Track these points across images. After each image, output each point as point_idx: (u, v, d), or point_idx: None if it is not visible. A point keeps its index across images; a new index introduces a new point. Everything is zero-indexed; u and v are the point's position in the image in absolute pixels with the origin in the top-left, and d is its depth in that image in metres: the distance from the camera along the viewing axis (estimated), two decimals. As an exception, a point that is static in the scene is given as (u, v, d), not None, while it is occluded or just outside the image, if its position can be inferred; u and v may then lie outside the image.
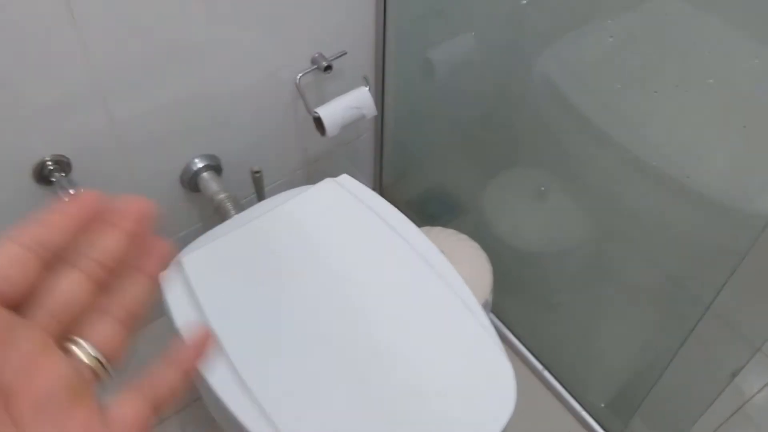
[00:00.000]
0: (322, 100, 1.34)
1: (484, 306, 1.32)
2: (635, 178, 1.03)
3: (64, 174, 1.10)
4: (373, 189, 1.71)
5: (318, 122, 1.31)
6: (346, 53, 1.33)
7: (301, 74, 1.29)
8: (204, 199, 1.31)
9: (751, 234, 0.89)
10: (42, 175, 1.09)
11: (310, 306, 1.03)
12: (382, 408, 0.92)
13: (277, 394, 0.93)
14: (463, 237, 1.39)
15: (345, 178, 1.21)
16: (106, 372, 0.29)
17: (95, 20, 0.99)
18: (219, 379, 0.94)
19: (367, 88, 1.34)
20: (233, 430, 0.93)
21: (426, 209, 1.70)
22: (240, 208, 1.25)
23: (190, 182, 1.30)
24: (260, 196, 1.35)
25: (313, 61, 1.31)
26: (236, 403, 0.92)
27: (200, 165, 1.29)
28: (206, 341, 0.33)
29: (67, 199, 0.30)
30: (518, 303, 1.52)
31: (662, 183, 1.00)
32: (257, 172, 1.30)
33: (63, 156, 1.10)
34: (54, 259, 0.29)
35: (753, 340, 1.08)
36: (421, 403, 0.93)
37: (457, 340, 1.00)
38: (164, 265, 0.32)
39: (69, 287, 0.29)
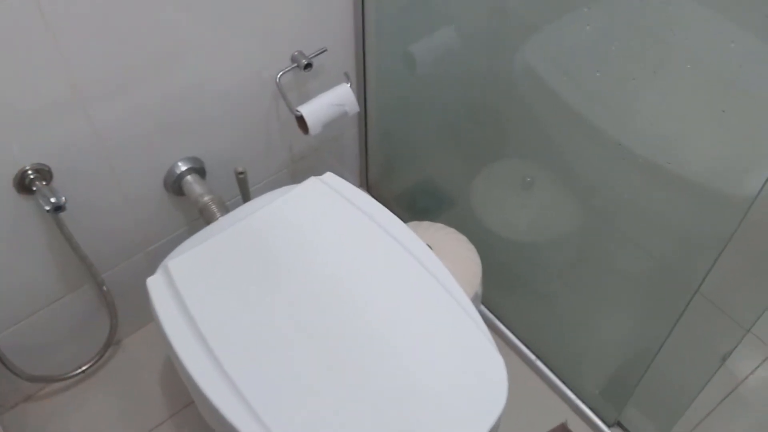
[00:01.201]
0: (304, 98, 1.33)
1: (474, 299, 1.32)
2: (619, 165, 1.03)
3: (45, 182, 1.09)
4: (360, 185, 1.70)
5: (300, 121, 1.31)
6: (325, 50, 1.32)
7: (281, 73, 1.28)
8: (189, 203, 1.31)
9: (735, 217, 0.90)
10: (23, 185, 1.08)
11: (298, 306, 1.02)
12: (373, 405, 0.92)
13: (269, 395, 0.92)
14: (451, 230, 1.39)
15: (330, 176, 1.20)
16: None
17: (70, 26, 0.98)
18: (210, 383, 0.93)
19: (349, 85, 1.34)
20: (225, 433, 0.93)
21: (413, 204, 1.70)
22: (225, 210, 1.24)
23: (174, 186, 1.29)
24: (245, 197, 1.34)
25: (293, 60, 1.30)
26: (228, 407, 0.91)
27: (183, 168, 1.28)
28: None
29: None
30: (508, 294, 1.52)
31: (645, 169, 1.00)
32: (241, 173, 1.30)
33: (44, 165, 1.09)
34: None
35: (742, 322, 1.08)
36: (412, 398, 0.93)
37: (448, 335, 1.00)
38: None
39: None
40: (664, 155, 0.96)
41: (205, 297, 1.03)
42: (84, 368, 1.41)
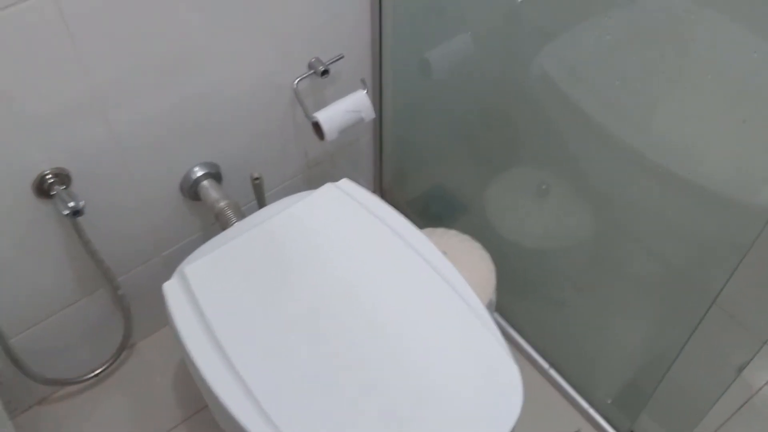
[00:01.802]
0: (321, 105, 1.34)
1: (488, 306, 1.32)
2: (637, 173, 1.03)
3: (64, 187, 1.10)
4: (374, 192, 1.70)
5: (316, 127, 1.31)
6: (342, 57, 1.33)
7: (298, 79, 1.29)
8: (205, 208, 1.31)
9: (754, 227, 0.89)
10: (42, 189, 1.09)
11: (313, 311, 1.02)
12: (388, 412, 0.92)
13: (283, 401, 0.93)
14: (466, 237, 1.39)
15: (345, 182, 1.20)
16: None
17: (91, 31, 0.99)
18: (224, 387, 0.94)
19: (365, 91, 1.34)
20: (241, 438, 0.93)
21: (427, 210, 1.70)
22: (241, 215, 1.24)
23: (191, 191, 1.30)
24: (261, 203, 1.35)
25: (310, 66, 1.31)
26: (242, 411, 0.91)
27: (200, 173, 1.28)
28: None
29: None
30: (522, 302, 1.52)
31: (664, 178, 1.00)
32: (257, 178, 1.30)
33: (63, 169, 1.09)
34: None
35: (759, 333, 1.07)
36: (425, 406, 0.93)
37: (462, 342, 0.99)
38: None
39: None
40: (683, 164, 0.95)
41: (221, 302, 1.03)
42: (98, 372, 1.42)
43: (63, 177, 1.10)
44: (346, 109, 1.32)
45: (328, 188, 1.20)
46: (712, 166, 0.95)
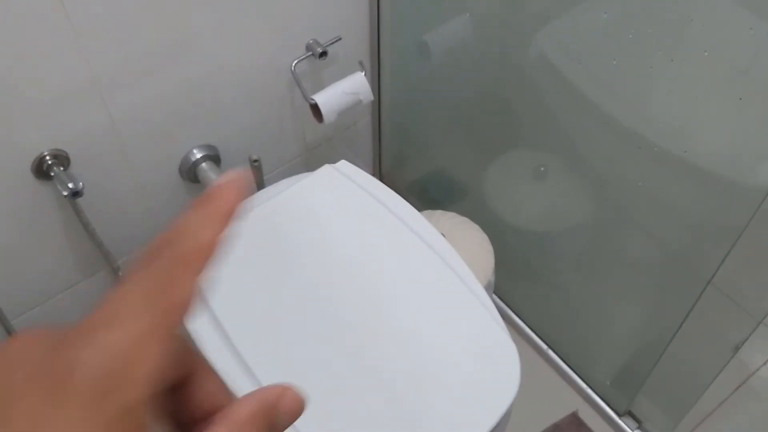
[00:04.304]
0: (319, 87, 1.34)
1: (487, 287, 1.32)
2: (634, 154, 1.03)
3: (63, 168, 1.10)
4: (373, 174, 1.71)
5: (315, 109, 1.31)
6: (340, 38, 1.33)
7: (296, 61, 1.29)
8: (203, 190, 1.31)
9: (750, 206, 0.89)
10: (41, 170, 1.09)
11: (313, 292, 1.03)
12: (387, 390, 0.93)
13: (285, 380, 0.93)
14: (464, 219, 1.39)
15: (344, 164, 1.21)
16: None
17: (88, 14, 0.99)
18: (226, 368, 0.94)
19: (363, 73, 1.34)
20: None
21: (426, 193, 1.70)
22: (240, 197, 1.24)
23: (189, 173, 1.30)
24: (259, 185, 1.35)
25: (308, 48, 1.30)
26: (244, 393, 0.92)
27: (199, 155, 1.29)
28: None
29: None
30: (521, 283, 1.52)
31: (660, 158, 1.00)
32: (256, 160, 1.30)
33: (61, 150, 1.10)
34: None
35: (755, 313, 1.08)
36: (424, 384, 0.94)
37: (461, 322, 1.00)
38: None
39: None
40: (680, 144, 0.96)
41: (221, 284, 1.03)
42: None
43: (62, 158, 1.10)
44: (345, 91, 1.32)
45: (326, 170, 1.20)
46: (709, 145, 0.95)
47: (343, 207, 1.14)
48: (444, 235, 1.10)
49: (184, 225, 0.24)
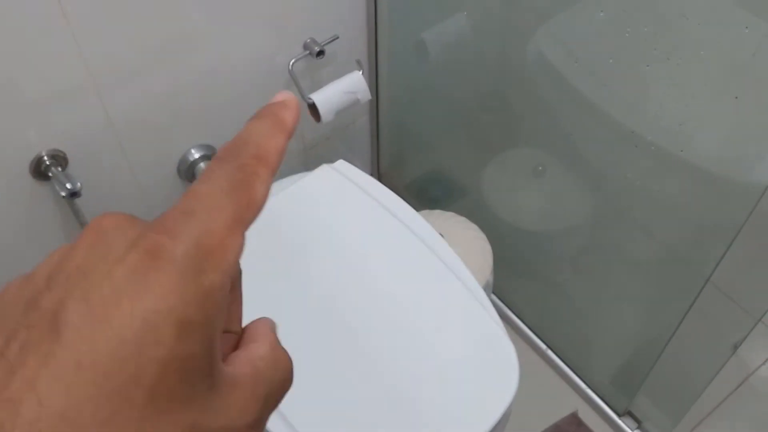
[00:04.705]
0: (316, 86, 1.34)
1: (486, 287, 1.32)
2: (631, 153, 1.03)
3: (61, 168, 1.10)
4: (371, 174, 1.71)
5: (312, 108, 1.31)
6: (338, 37, 1.32)
7: (293, 60, 1.29)
8: (202, 190, 1.31)
9: (747, 205, 0.89)
10: (39, 171, 1.09)
11: (311, 292, 1.03)
12: (385, 389, 0.93)
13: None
14: (463, 219, 1.39)
15: (342, 164, 1.21)
16: None
17: (85, 12, 0.99)
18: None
19: (361, 72, 1.34)
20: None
21: (424, 192, 1.70)
22: (238, 197, 1.24)
23: (187, 173, 1.30)
24: (258, 185, 1.35)
25: (305, 47, 1.30)
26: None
27: (197, 155, 1.29)
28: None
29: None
30: (519, 283, 1.52)
31: (657, 157, 1.00)
32: (254, 160, 1.30)
33: (59, 151, 1.10)
34: None
35: (753, 311, 1.08)
36: (424, 384, 0.94)
37: (459, 322, 1.00)
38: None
39: None
40: (677, 143, 0.95)
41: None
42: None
43: (60, 159, 1.10)
44: (342, 90, 1.31)
45: (324, 170, 1.20)
46: (705, 143, 0.95)
47: (341, 207, 1.14)
48: (442, 235, 1.10)
49: (249, 134, 0.25)
